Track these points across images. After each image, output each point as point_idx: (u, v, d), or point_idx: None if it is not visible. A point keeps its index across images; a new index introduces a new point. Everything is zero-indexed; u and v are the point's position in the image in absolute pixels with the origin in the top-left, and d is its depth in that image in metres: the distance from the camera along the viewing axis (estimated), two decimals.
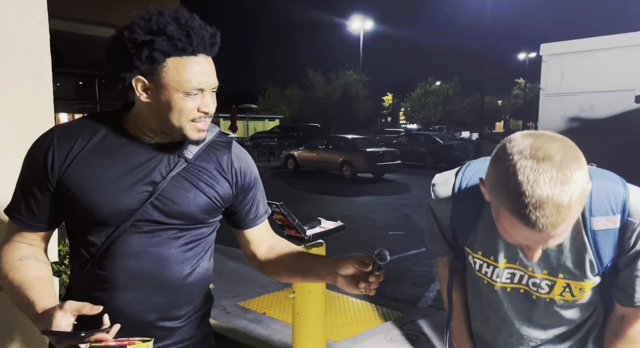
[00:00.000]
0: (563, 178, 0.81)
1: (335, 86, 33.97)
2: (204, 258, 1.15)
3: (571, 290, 1.06)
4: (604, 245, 1.01)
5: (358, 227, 7.03)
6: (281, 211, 2.53)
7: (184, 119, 1.02)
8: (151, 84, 1.00)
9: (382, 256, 0.98)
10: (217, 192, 1.11)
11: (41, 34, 1.87)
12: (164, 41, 0.96)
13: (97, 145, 1.05)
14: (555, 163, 0.82)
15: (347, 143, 14.56)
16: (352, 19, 37.89)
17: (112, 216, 1.03)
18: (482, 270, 1.13)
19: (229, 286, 4.23)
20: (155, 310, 1.08)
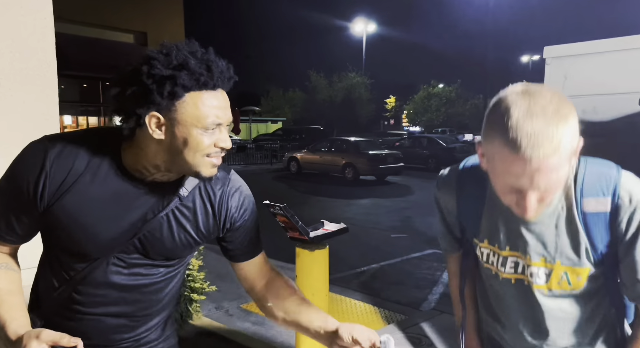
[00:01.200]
0: (554, 111, 0.86)
1: (338, 88, 34.00)
2: (180, 277, 1.17)
3: (568, 278, 1.05)
4: (595, 228, 1.01)
5: (360, 229, 7.02)
6: (284, 213, 2.54)
7: (200, 155, 0.97)
8: (166, 120, 0.94)
9: (386, 345, 0.94)
10: (202, 231, 1.10)
11: (47, 36, 1.88)
12: (186, 76, 0.92)
13: (92, 176, 0.99)
14: (546, 99, 0.87)
15: (350, 146, 14.56)
16: (355, 22, 37.94)
17: (97, 249, 1.02)
18: (490, 259, 1.14)
19: (232, 289, 4.23)
20: (127, 331, 1.10)
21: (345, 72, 34.81)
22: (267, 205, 2.61)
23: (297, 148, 18.16)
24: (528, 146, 0.85)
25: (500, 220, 1.09)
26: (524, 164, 0.87)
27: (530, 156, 0.85)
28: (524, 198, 0.93)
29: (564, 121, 0.86)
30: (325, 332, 1.06)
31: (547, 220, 1.04)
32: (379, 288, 4.63)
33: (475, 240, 1.16)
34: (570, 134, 0.87)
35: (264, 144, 21.32)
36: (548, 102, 0.87)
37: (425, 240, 6.58)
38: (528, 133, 0.85)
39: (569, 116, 0.87)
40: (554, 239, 1.04)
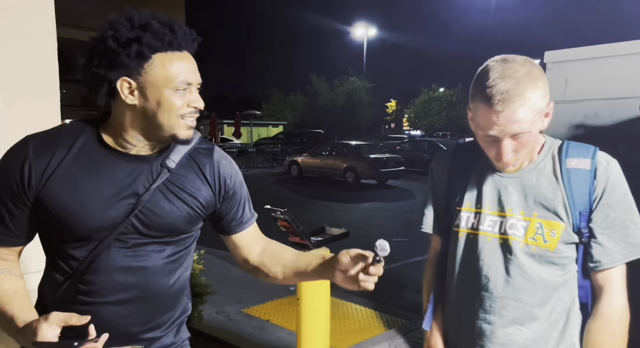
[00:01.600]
0: (524, 72, 1.05)
1: (339, 92, 34.07)
2: (186, 267, 1.15)
3: (543, 232, 1.13)
4: (576, 184, 1.13)
5: (362, 234, 7.01)
6: (285, 218, 2.53)
7: (174, 116, 0.99)
8: (137, 84, 0.97)
9: (383, 247, 0.98)
10: (199, 201, 1.10)
11: (49, 42, 1.89)
12: (150, 36, 0.94)
13: (75, 158, 1.00)
14: (519, 64, 1.07)
15: (351, 149, 14.57)
16: (356, 26, 38.07)
17: (95, 231, 1.00)
18: (469, 222, 1.23)
19: (233, 293, 4.22)
20: (139, 322, 1.07)
21: (346, 76, 34.91)
22: (269, 210, 2.61)
23: (298, 151, 18.16)
24: (501, 101, 1.04)
25: (486, 181, 1.21)
26: (497, 115, 1.06)
27: (502, 108, 1.05)
28: (500, 146, 1.10)
29: (532, 82, 1.05)
30: (325, 265, 1.09)
31: (529, 174, 1.17)
32: (381, 292, 4.60)
33: (457, 208, 1.25)
34: (538, 93, 1.05)
35: (265, 148, 21.34)
36: (520, 67, 1.06)
37: (426, 244, 6.56)
38: (501, 90, 1.04)
39: (537, 79, 1.06)
40: (534, 192, 1.15)
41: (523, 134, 1.07)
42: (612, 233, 1.11)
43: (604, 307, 1.12)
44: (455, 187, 1.27)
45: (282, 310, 4.03)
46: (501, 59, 1.09)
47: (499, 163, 1.14)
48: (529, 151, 1.14)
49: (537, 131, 1.11)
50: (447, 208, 1.29)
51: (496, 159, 1.14)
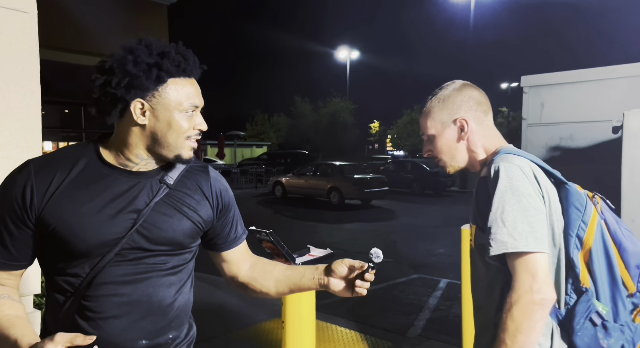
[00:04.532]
0: (439, 97, 1.36)
1: (323, 113, 34.35)
2: (187, 284, 1.17)
3: (472, 230, 1.29)
4: (480, 192, 1.23)
5: (346, 254, 6.91)
6: (270, 239, 2.52)
7: (181, 137, 1.06)
8: (150, 106, 1.04)
9: (377, 254, 1.07)
10: (200, 216, 1.14)
11: (32, 65, 1.88)
12: (168, 63, 1.03)
13: (76, 177, 1.04)
14: (443, 90, 1.37)
15: (335, 170, 14.63)
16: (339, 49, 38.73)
17: (97, 247, 1.02)
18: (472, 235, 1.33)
19: (216, 317, 4.14)
20: (143, 336, 1.08)
21: (329, 97, 35.27)
22: (253, 231, 2.59)
23: (282, 172, 18.17)
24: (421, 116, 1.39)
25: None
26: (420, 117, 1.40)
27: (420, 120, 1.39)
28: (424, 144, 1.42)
29: (439, 103, 1.35)
30: (319, 274, 1.18)
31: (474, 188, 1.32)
32: (366, 314, 4.58)
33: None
34: (439, 114, 1.34)
35: (248, 169, 21.28)
36: (441, 91, 1.35)
37: (410, 265, 6.57)
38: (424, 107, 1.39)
39: (444, 103, 1.34)
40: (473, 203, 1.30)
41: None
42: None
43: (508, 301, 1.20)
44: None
45: (266, 334, 3.96)
46: (440, 87, 1.40)
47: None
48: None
49: (448, 145, 1.38)
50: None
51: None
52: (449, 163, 1.36)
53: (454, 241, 6.54)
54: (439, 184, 16.88)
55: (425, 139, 1.40)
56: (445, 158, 1.36)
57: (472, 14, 20.02)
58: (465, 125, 1.31)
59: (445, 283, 5.64)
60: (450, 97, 1.33)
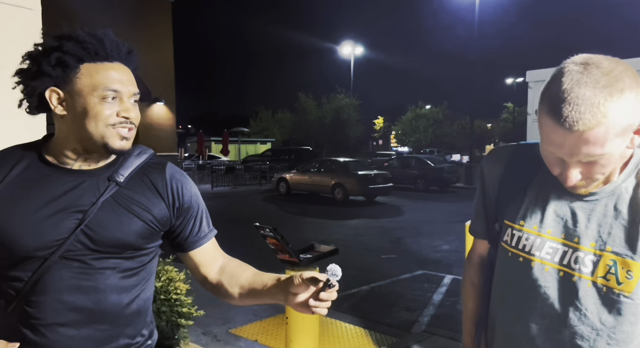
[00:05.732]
0: (607, 82, 0.82)
1: (327, 109, 34.29)
2: (145, 288, 1.10)
3: (617, 272, 0.92)
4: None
5: (351, 251, 6.99)
6: (274, 236, 2.53)
7: (102, 124, 0.98)
8: (66, 95, 0.98)
9: (333, 272, 0.93)
10: (152, 215, 1.06)
11: None
12: (73, 45, 0.96)
13: (17, 177, 1.00)
14: (604, 70, 0.83)
15: (339, 166, 14.61)
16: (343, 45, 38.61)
17: (36, 249, 0.97)
18: (520, 243, 1.02)
19: (220, 313, 4.16)
20: (92, 344, 1.02)
21: (334, 93, 35.19)
22: (257, 227, 2.60)
23: (287, 168, 18.16)
24: (569, 116, 0.83)
25: (549, 200, 1.01)
26: (564, 134, 0.84)
27: (570, 126, 0.83)
28: (567, 168, 0.90)
29: (617, 93, 0.82)
30: (279, 286, 1.03)
31: (606, 198, 0.96)
32: (370, 310, 4.58)
33: (507, 222, 1.06)
34: (623, 109, 0.82)
35: (253, 165, 21.28)
36: (603, 74, 0.83)
37: (415, 261, 6.57)
38: (572, 102, 0.83)
39: (624, 90, 0.82)
40: (610, 221, 0.95)
41: (596, 159, 0.87)
42: None
43: None
44: (508, 197, 1.07)
45: (270, 329, 3.97)
46: (581, 61, 0.86)
47: (564, 184, 0.94)
48: (605, 173, 0.92)
49: (619, 153, 0.89)
50: (496, 217, 1.11)
51: (560, 179, 0.94)
52: (594, 184, 0.96)
53: (459, 237, 6.53)
54: (444, 181, 16.83)
55: (571, 160, 0.91)
56: (599, 178, 0.95)
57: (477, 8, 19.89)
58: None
59: (450, 279, 5.64)
60: (631, 89, 0.87)
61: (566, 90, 0.84)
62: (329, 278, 0.93)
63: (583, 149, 0.85)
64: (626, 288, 0.92)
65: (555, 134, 0.86)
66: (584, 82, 0.83)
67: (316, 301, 0.96)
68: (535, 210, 1.02)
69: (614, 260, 0.93)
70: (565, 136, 0.85)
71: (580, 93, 0.83)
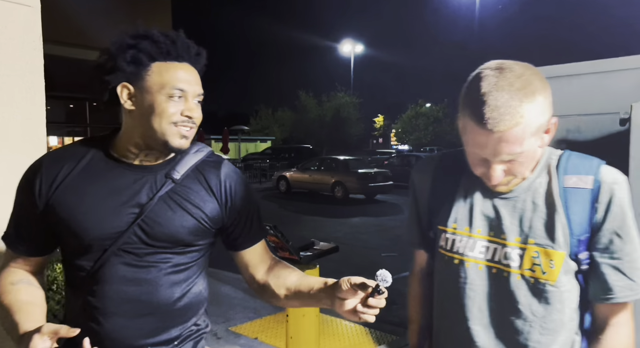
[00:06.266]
0: (521, 85, 0.90)
1: (327, 107, 34.28)
2: (196, 282, 1.13)
3: (541, 262, 0.99)
4: (574, 205, 0.99)
5: (351, 249, 6.99)
6: (275, 233, 2.52)
7: (166, 122, 1.02)
8: (136, 91, 1.03)
9: (383, 277, 0.89)
10: (204, 213, 1.09)
11: (35, 59, 1.88)
12: (148, 44, 1.01)
13: (83, 169, 1.05)
14: (516, 73, 0.91)
15: (339, 164, 14.61)
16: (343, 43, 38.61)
17: (98, 239, 1.02)
18: (455, 246, 1.08)
19: (220, 311, 4.16)
20: (144, 335, 1.07)
21: (334, 91, 35.19)
22: None
23: (287, 167, 18.16)
24: (490, 118, 0.90)
25: (474, 201, 1.08)
26: (487, 135, 0.91)
27: (492, 128, 0.90)
28: (490, 168, 0.97)
29: (530, 95, 0.90)
30: (326, 290, 1.02)
31: (524, 194, 1.03)
32: None
33: (440, 227, 1.11)
34: (536, 110, 0.91)
35: (253, 164, 21.30)
36: (516, 78, 0.91)
37: None
38: (492, 106, 0.90)
39: (536, 93, 0.91)
40: (529, 215, 1.02)
41: (516, 157, 0.94)
42: (618, 263, 0.98)
43: (609, 341, 1.01)
44: (438, 203, 1.12)
45: (270, 327, 3.97)
46: (496, 67, 0.94)
47: (488, 183, 1.02)
48: (524, 170, 1.00)
49: (535, 150, 0.97)
50: (430, 225, 1.15)
51: (486, 181, 1.02)
52: (515, 181, 1.05)
53: None
54: None
55: (494, 159, 0.99)
56: (519, 175, 1.04)
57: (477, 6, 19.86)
58: None
59: None
60: (542, 91, 0.97)
61: (485, 94, 0.91)
62: (379, 283, 0.90)
63: (505, 148, 0.92)
64: (550, 278, 0.99)
65: (479, 136, 0.93)
66: (500, 86, 0.90)
67: (364, 308, 0.95)
68: (464, 213, 1.08)
69: (537, 251, 1.00)
70: (488, 137, 0.91)
71: (498, 96, 0.90)
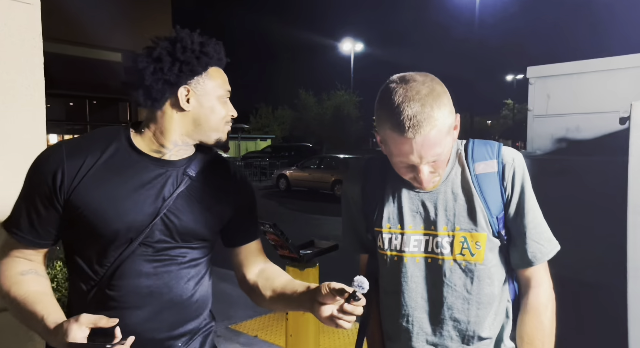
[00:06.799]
0: (427, 91, 0.99)
1: (327, 106, 34.25)
2: (205, 278, 1.18)
3: (469, 246, 1.10)
4: (487, 188, 1.11)
5: None
6: (274, 231, 2.52)
7: (222, 121, 1.13)
8: (194, 92, 1.09)
9: (360, 284, 0.89)
10: (220, 208, 1.15)
11: (35, 56, 1.88)
12: (212, 51, 1.11)
13: (107, 162, 1.05)
14: (419, 82, 1.01)
15: (339, 163, 14.61)
16: (343, 41, 38.55)
17: (125, 231, 1.03)
18: (392, 244, 1.16)
19: (220, 309, 4.16)
20: (165, 328, 1.09)
21: (334, 90, 35.15)
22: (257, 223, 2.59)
23: (286, 165, 18.17)
24: (410, 127, 0.98)
25: (402, 200, 1.16)
26: (410, 143, 1.00)
27: (413, 135, 0.98)
28: (419, 172, 1.05)
29: (437, 100, 0.99)
30: (307, 295, 1.06)
31: (443, 186, 1.13)
32: None
33: (376, 229, 1.19)
34: (445, 112, 1.00)
35: (253, 162, 21.30)
36: (421, 86, 1.00)
37: None
38: (409, 115, 0.98)
39: (441, 96, 1.01)
40: (452, 205, 1.12)
41: (438, 157, 1.04)
42: (528, 232, 1.11)
43: (531, 300, 1.13)
44: (371, 207, 1.20)
45: (269, 325, 3.98)
46: (400, 79, 1.03)
47: (418, 186, 1.11)
48: (445, 167, 1.11)
49: (450, 147, 1.07)
50: (367, 229, 1.23)
51: (415, 183, 1.10)
52: (440, 170, 1.14)
53: None
54: None
55: (421, 163, 1.09)
56: (443, 165, 1.16)
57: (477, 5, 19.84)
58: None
59: None
60: (445, 94, 1.08)
61: (399, 106, 0.99)
62: (355, 290, 0.90)
63: (429, 151, 1.01)
64: (478, 258, 1.11)
65: (404, 145, 1.01)
66: (410, 96, 0.99)
67: (340, 313, 0.96)
68: (395, 212, 1.17)
69: (464, 236, 1.11)
70: (412, 144, 1.00)
71: (411, 105, 0.98)
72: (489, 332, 1.15)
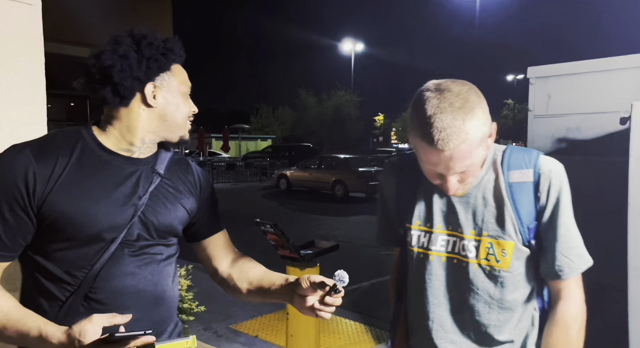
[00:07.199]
0: (460, 104, 0.97)
1: (327, 106, 34.25)
2: (176, 276, 1.20)
3: (495, 252, 1.10)
4: (520, 197, 1.09)
5: (351, 247, 6.99)
6: (275, 232, 2.53)
7: (185, 117, 1.13)
8: (160, 89, 1.08)
9: (340, 278, 0.94)
10: (189, 204, 1.16)
11: (36, 57, 1.88)
12: (177, 48, 1.11)
13: (78, 163, 1.01)
14: (454, 93, 0.99)
15: (340, 163, 14.61)
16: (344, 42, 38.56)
17: (107, 230, 1.00)
18: (420, 241, 1.19)
19: (220, 309, 4.17)
20: (153, 325, 1.04)
21: (334, 90, 35.14)
22: (258, 223, 2.60)
23: (287, 165, 18.17)
24: (440, 140, 0.97)
25: (433, 200, 1.17)
26: (438, 154, 1.00)
27: (442, 147, 0.98)
28: (446, 181, 1.06)
29: (470, 112, 0.98)
30: (286, 287, 1.07)
31: (475, 191, 1.13)
32: (370, 306, 4.59)
33: (407, 225, 1.21)
34: (478, 124, 0.99)
35: (253, 162, 21.30)
36: (455, 98, 0.98)
37: None
38: (439, 128, 0.97)
39: (475, 108, 0.99)
40: (481, 210, 1.12)
41: (467, 168, 1.03)
42: (559, 245, 1.09)
43: (560, 312, 1.11)
44: (404, 202, 1.22)
45: (270, 325, 3.98)
46: (435, 88, 1.01)
47: (446, 192, 1.10)
48: (475, 175, 1.10)
49: (482, 156, 1.06)
50: (399, 223, 1.24)
51: (442, 188, 1.10)
52: (469, 179, 1.13)
53: None
54: None
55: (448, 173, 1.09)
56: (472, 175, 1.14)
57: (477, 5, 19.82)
58: None
59: None
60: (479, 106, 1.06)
61: (431, 117, 0.98)
62: (336, 283, 0.95)
63: (457, 164, 1.01)
64: (503, 265, 1.11)
65: (432, 155, 1.01)
66: (442, 108, 0.97)
67: (321, 305, 0.99)
68: (425, 210, 1.18)
69: (490, 242, 1.11)
70: (440, 156, 1.00)
71: (443, 118, 0.97)
72: (509, 335, 1.14)
